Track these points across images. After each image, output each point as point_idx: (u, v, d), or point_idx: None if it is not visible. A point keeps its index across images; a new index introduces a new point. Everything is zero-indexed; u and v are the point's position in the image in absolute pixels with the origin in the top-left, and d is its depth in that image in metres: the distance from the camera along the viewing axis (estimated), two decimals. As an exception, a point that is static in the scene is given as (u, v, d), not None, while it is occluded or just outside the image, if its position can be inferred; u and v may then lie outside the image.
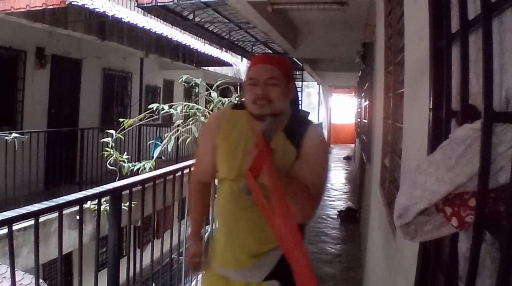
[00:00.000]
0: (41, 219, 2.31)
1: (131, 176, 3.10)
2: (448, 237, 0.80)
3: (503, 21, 0.68)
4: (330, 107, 17.89)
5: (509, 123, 0.64)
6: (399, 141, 2.09)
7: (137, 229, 5.94)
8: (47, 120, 6.87)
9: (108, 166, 4.02)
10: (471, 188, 0.68)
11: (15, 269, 1.74)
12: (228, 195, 1.49)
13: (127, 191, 2.38)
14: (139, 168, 3.96)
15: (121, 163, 3.98)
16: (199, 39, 8.66)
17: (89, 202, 3.57)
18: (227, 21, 6.77)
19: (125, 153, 4.16)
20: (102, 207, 2.24)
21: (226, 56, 11.06)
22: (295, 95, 1.55)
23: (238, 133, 1.49)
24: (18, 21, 5.41)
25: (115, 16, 5.86)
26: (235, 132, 1.50)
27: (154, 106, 4.01)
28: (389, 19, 2.65)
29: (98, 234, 2.29)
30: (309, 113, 1.68)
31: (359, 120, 8.26)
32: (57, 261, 2.06)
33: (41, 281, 2.99)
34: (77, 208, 2.38)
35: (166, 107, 3.97)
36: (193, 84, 4.21)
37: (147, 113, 4.27)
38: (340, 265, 4.60)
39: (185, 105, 3.99)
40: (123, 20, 6.10)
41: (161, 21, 7.01)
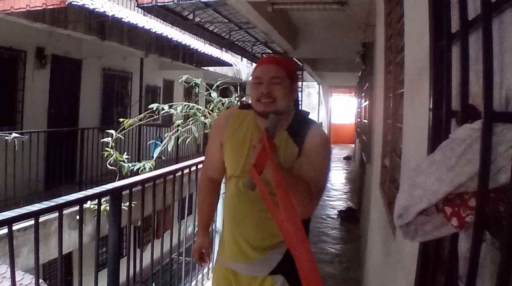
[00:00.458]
0: (41, 219, 2.31)
1: (131, 176, 3.10)
2: (448, 237, 0.80)
3: (503, 21, 0.68)
4: (330, 107, 17.89)
5: (509, 123, 0.64)
6: (399, 141, 2.09)
7: (137, 229, 5.95)
8: (47, 120, 6.87)
9: (108, 166, 4.02)
10: (471, 188, 0.68)
11: (15, 269, 1.74)
12: (234, 191, 1.56)
13: (127, 191, 2.38)
14: (139, 168, 3.96)
15: (121, 163, 3.97)
16: (199, 39, 8.66)
17: (89, 202, 3.57)
18: (227, 21, 6.77)
19: (125, 153, 4.16)
20: (102, 207, 2.24)
21: (226, 56, 11.06)
22: (297, 95, 1.60)
23: (244, 131, 1.56)
24: (18, 21, 5.41)
25: (115, 16, 5.86)
26: (241, 130, 1.57)
27: (154, 106, 4.00)
28: (389, 19, 2.65)
29: (98, 234, 2.29)
30: (309, 113, 1.70)
31: (359, 120, 8.26)
32: (57, 261, 2.06)
33: (41, 281, 3.00)
34: (77, 208, 2.39)
35: (166, 107, 3.96)
36: (193, 84, 4.21)
37: (147, 113, 4.27)
38: (340, 265, 4.60)
39: (185, 105, 3.98)
40: (123, 20, 6.10)
41: (161, 21, 7.00)
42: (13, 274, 1.64)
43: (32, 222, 1.76)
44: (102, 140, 4.23)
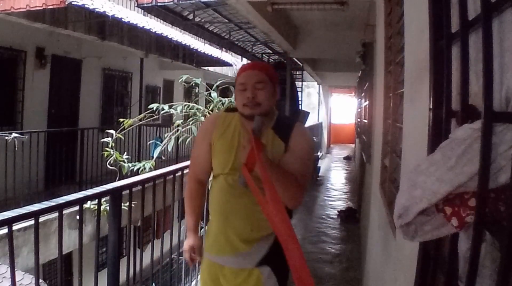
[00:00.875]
0: (41, 219, 2.31)
1: (131, 176, 3.10)
2: (448, 237, 0.80)
3: (503, 21, 0.68)
4: (330, 107, 17.88)
5: (509, 123, 0.64)
6: (399, 141, 2.09)
7: (137, 229, 5.94)
8: (47, 120, 6.87)
9: (108, 166, 4.02)
10: (471, 188, 0.68)
11: (15, 269, 1.74)
12: (223, 187, 1.65)
13: (127, 191, 2.38)
14: (139, 168, 3.96)
15: (121, 163, 3.97)
16: (199, 39, 8.66)
17: (89, 202, 3.57)
18: (227, 21, 6.77)
19: (125, 153, 4.16)
20: (102, 207, 2.24)
21: (226, 56, 11.06)
22: (280, 97, 1.74)
23: (232, 132, 1.67)
24: (18, 21, 5.41)
25: (115, 16, 5.86)
26: (229, 131, 1.67)
27: (154, 106, 4.00)
28: (389, 19, 2.65)
29: (98, 234, 2.29)
30: (309, 113, 1.74)
31: (359, 120, 8.25)
32: (57, 261, 2.06)
33: (41, 281, 3.00)
34: (77, 208, 2.38)
35: (166, 107, 3.97)
36: (193, 84, 4.21)
37: (147, 113, 4.27)
38: (340, 265, 4.60)
39: (185, 105, 3.99)
40: (123, 20, 6.10)
41: (161, 21, 7.01)
42: (13, 274, 1.64)
43: (32, 222, 1.76)
44: (102, 140, 4.23)
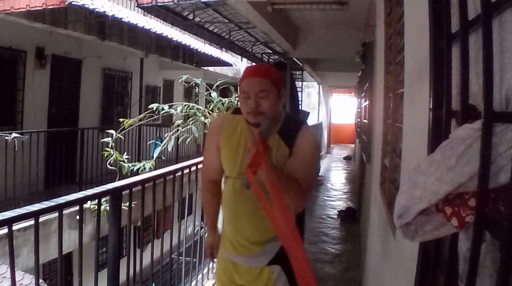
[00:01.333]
0: (41, 219, 2.31)
1: (131, 176, 3.10)
2: (448, 237, 0.80)
3: (503, 21, 0.68)
4: (330, 107, 17.86)
5: (509, 123, 0.64)
6: (399, 141, 2.09)
7: (137, 229, 5.94)
8: (47, 120, 6.87)
9: (108, 166, 4.02)
10: (471, 188, 0.68)
11: (15, 269, 1.74)
12: (230, 191, 1.67)
13: (127, 191, 2.38)
14: (139, 168, 3.96)
15: (121, 163, 3.97)
16: (199, 39, 8.65)
17: (89, 202, 3.57)
18: (227, 21, 6.76)
19: (125, 153, 4.16)
20: (102, 207, 2.24)
21: (226, 56, 11.05)
22: (286, 99, 1.72)
23: (239, 135, 1.66)
24: (18, 21, 5.41)
25: (115, 16, 5.86)
26: (235, 134, 1.66)
27: (154, 106, 4.00)
28: (389, 19, 2.65)
29: (98, 234, 2.29)
30: (309, 113, 1.74)
31: (359, 120, 8.25)
32: (57, 261, 2.06)
33: (41, 281, 3.00)
34: (77, 208, 2.38)
35: (166, 107, 3.97)
36: (193, 84, 4.21)
37: (147, 113, 4.27)
38: (340, 265, 4.60)
39: (185, 105, 3.99)
40: (123, 20, 6.10)
41: (161, 21, 7.00)
42: (13, 274, 1.64)
43: (32, 222, 1.76)
44: (102, 140, 4.23)
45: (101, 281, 2.18)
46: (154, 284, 3.04)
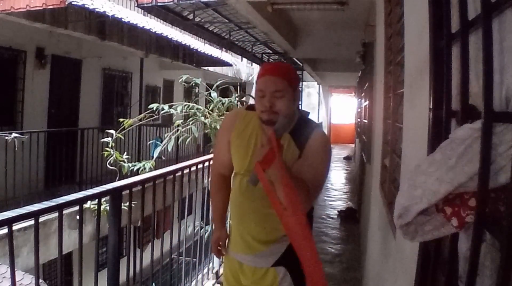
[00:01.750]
0: (41, 219, 2.31)
1: (131, 176, 3.10)
2: (448, 237, 0.80)
3: (503, 21, 0.68)
4: (330, 107, 17.88)
5: (509, 123, 0.64)
6: (399, 141, 2.09)
7: (137, 229, 5.94)
8: (47, 120, 6.87)
9: (108, 166, 4.02)
10: (471, 188, 0.68)
11: (15, 269, 1.73)
12: (238, 189, 1.66)
13: (127, 191, 2.38)
14: (139, 168, 3.96)
15: (121, 163, 3.97)
16: (199, 39, 8.65)
17: (89, 202, 3.57)
18: (227, 21, 6.76)
19: (125, 153, 4.16)
20: (102, 207, 2.24)
21: (226, 56, 11.05)
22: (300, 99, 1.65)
23: (250, 131, 1.65)
24: (18, 21, 5.41)
25: (115, 16, 5.86)
26: (247, 130, 1.65)
27: (154, 106, 4.00)
28: (389, 19, 2.65)
29: (98, 234, 2.29)
30: (309, 113, 1.72)
31: (359, 120, 8.26)
32: (57, 261, 2.06)
33: (41, 281, 2.99)
34: (77, 208, 2.38)
35: (166, 107, 3.96)
36: (193, 84, 4.21)
37: (147, 113, 4.26)
38: (340, 265, 4.60)
39: (185, 105, 3.98)
40: (123, 20, 6.09)
41: (161, 21, 7.00)
42: (13, 274, 1.64)
43: (32, 222, 1.76)
44: (102, 140, 4.23)
45: (101, 281, 2.18)
46: (154, 284, 3.04)
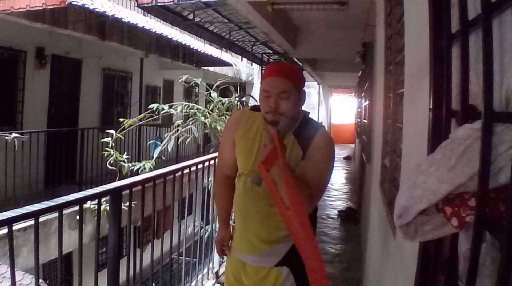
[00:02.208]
0: (41, 219, 2.31)
1: (131, 176, 3.10)
2: (448, 237, 0.80)
3: (503, 21, 0.68)
4: (330, 107, 17.89)
5: (509, 123, 0.64)
6: (399, 141, 2.09)
7: (137, 229, 5.94)
8: (47, 120, 6.87)
9: (108, 166, 4.02)
10: (471, 188, 0.68)
11: (15, 269, 1.73)
12: (242, 189, 1.66)
13: (127, 191, 2.38)
14: (139, 168, 3.96)
15: (121, 163, 3.97)
16: (199, 39, 8.65)
17: (89, 202, 3.57)
18: (227, 21, 6.76)
19: (125, 153, 4.16)
20: (102, 207, 2.24)
21: (226, 56, 11.05)
22: (305, 100, 1.66)
23: (254, 132, 1.65)
24: (18, 21, 5.41)
25: (115, 16, 5.86)
26: (251, 131, 1.66)
27: (154, 106, 4.00)
28: (389, 19, 2.65)
29: (98, 234, 2.29)
30: (309, 113, 1.72)
31: (359, 120, 8.26)
32: (57, 261, 2.06)
33: (41, 281, 2.99)
34: (77, 208, 2.38)
35: (166, 107, 3.96)
36: (193, 84, 4.21)
37: (147, 113, 4.27)
38: (340, 265, 4.60)
39: (185, 105, 3.98)
40: (123, 20, 6.09)
41: (161, 21, 7.00)
42: (13, 274, 1.64)
43: (32, 222, 1.76)
44: (102, 140, 4.23)
45: (101, 281, 2.18)
46: (154, 284, 3.04)
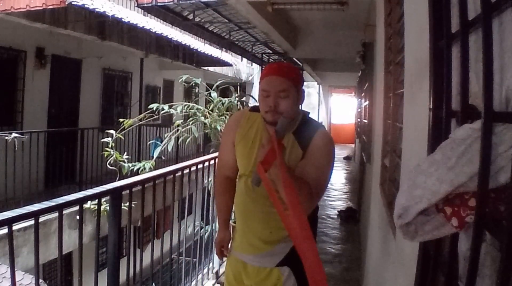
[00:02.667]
0: (41, 219, 2.31)
1: (131, 176, 3.10)
2: (448, 237, 0.80)
3: (503, 21, 0.68)
4: (330, 107, 17.88)
5: (509, 123, 0.64)
6: (399, 141, 2.09)
7: (137, 229, 5.94)
8: (47, 120, 6.87)
9: (108, 166, 4.02)
10: (471, 188, 0.68)
11: (15, 269, 1.73)
12: (243, 189, 1.66)
13: (127, 191, 2.38)
14: (139, 168, 3.96)
15: (121, 163, 3.97)
16: (199, 39, 8.65)
17: (89, 202, 3.57)
18: (227, 21, 6.76)
19: (125, 153, 4.16)
20: (102, 207, 2.24)
21: (226, 56, 11.05)
22: (304, 99, 1.67)
23: (254, 132, 1.65)
24: (18, 21, 5.41)
25: (115, 16, 5.86)
26: (251, 131, 1.66)
27: (154, 106, 4.00)
28: (389, 19, 2.65)
29: (98, 234, 2.29)
30: (309, 113, 1.72)
31: (359, 120, 8.26)
32: (57, 261, 2.06)
33: (41, 281, 2.99)
34: (77, 208, 2.38)
35: (166, 107, 3.96)
36: (193, 84, 4.21)
37: (147, 113, 4.27)
38: (340, 265, 4.59)
39: (185, 105, 3.98)
40: (123, 20, 6.10)
41: (161, 21, 7.00)
42: (13, 274, 1.64)
43: (32, 222, 1.76)
44: (102, 140, 4.23)
45: (101, 281, 2.18)
46: (154, 284, 3.04)
